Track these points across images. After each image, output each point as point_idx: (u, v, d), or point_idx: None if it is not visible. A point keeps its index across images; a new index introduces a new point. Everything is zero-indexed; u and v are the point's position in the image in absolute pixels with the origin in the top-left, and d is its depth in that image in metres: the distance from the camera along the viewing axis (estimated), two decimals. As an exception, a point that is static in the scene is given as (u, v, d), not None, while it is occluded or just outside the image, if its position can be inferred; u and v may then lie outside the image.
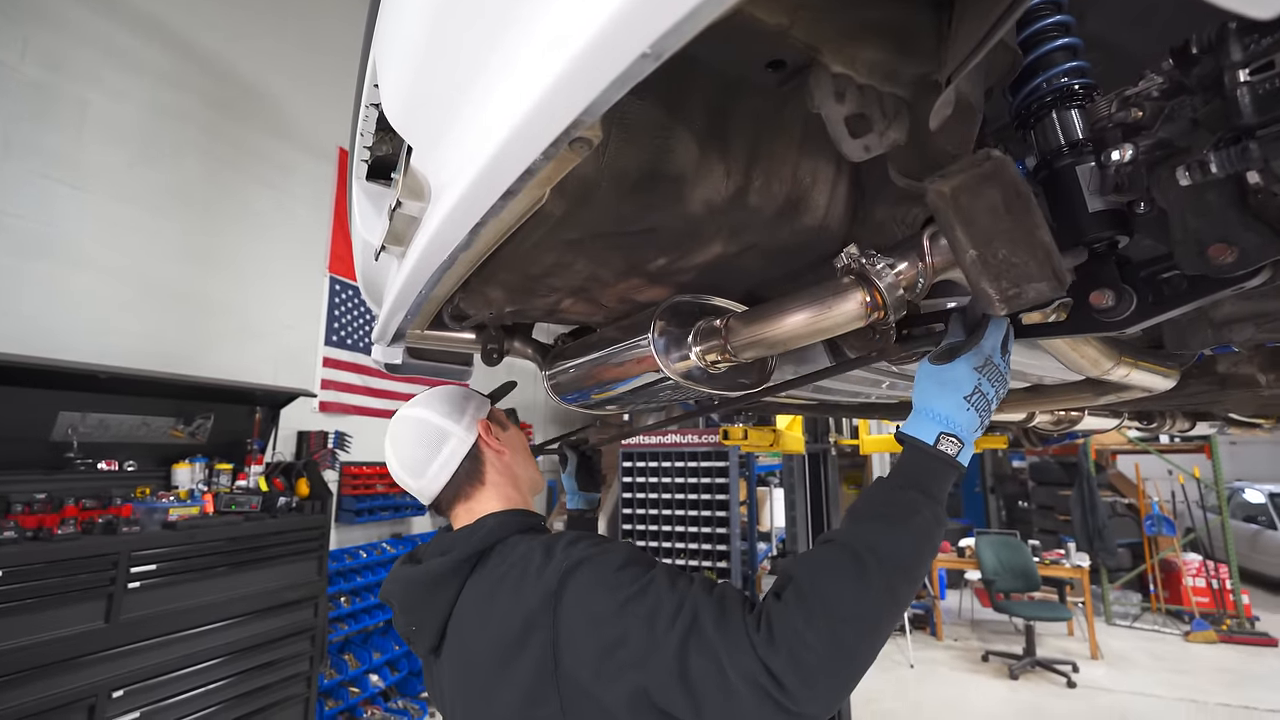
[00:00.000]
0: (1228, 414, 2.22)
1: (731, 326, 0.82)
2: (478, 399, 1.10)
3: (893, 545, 0.66)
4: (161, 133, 3.38)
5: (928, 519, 0.68)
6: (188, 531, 2.63)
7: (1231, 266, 0.53)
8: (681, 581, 0.74)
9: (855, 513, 0.71)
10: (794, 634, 0.62)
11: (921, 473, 0.70)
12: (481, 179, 0.52)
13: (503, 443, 1.06)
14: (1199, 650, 5.84)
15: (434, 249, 0.68)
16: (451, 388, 1.10)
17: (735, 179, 0.71)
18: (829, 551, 0.67)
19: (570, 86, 0.38)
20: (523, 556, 0.83)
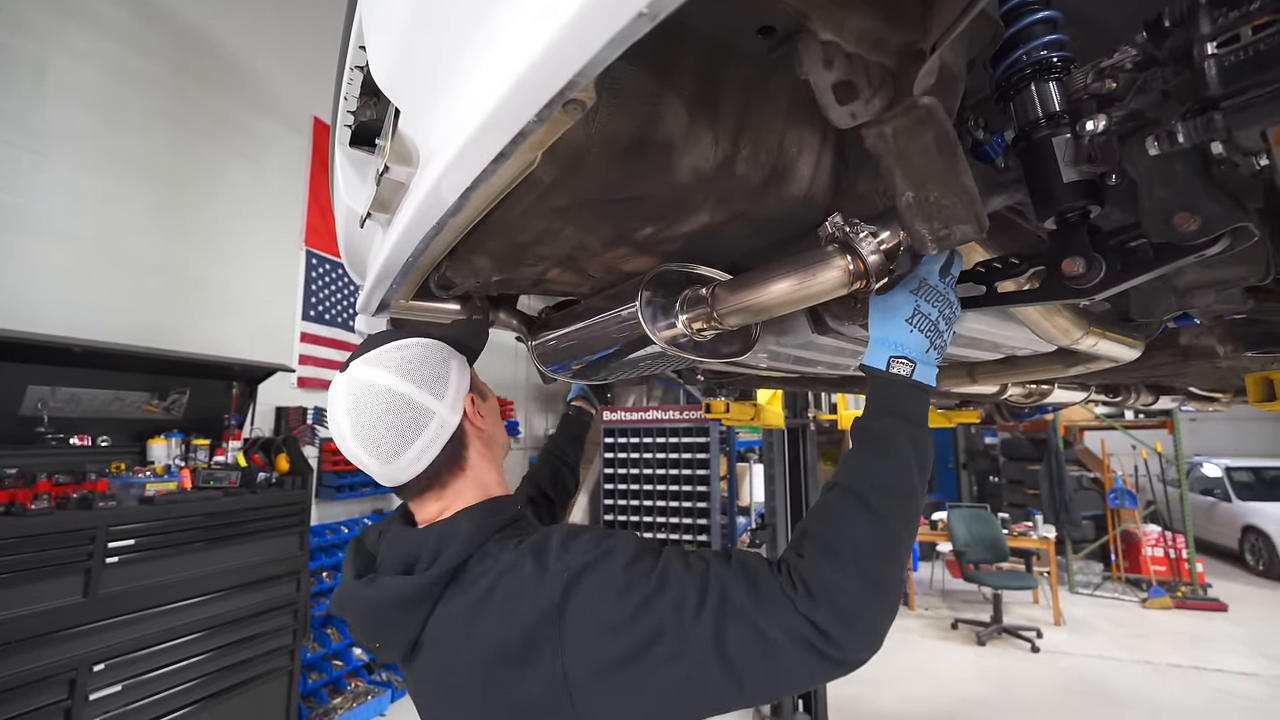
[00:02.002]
0: (1188, 388, 2.31)
1: (717, 294, 0.84)
2: (458, 361, 0.93)
3: (886, 474, 0.69)
4: (129, 99, 3.25)
5: (906, 438, 0.71)
6: (166, 507, 2.60)
7: (1194, 234, 0.56)
8: (695, 561, 0.70)
9: (845, 456, 0.75)
10: (829, 582, 0.63)
11: (886, 399, 0.74)
12: (475, 140, 0.52)
13: (484, 416, 0.92)
14: (1155, 616, 6.14)
15: (423, 214, 0.67)
16: (429, 344, 0.90)
17: (723, 147, 0.72)
18: (833, 498, 0.70)
19: (567, 43, 0.39)
20: (510, 566, 0.73)
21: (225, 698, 2.78)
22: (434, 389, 0.86)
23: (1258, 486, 8.16)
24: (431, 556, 0.77)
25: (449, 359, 0.92)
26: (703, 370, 2.03)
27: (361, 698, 3.75)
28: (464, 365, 0.95)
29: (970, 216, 0.58)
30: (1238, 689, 4.45)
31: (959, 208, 0.59)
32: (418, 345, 0.90)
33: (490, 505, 0.85)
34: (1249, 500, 7.95)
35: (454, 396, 0.88)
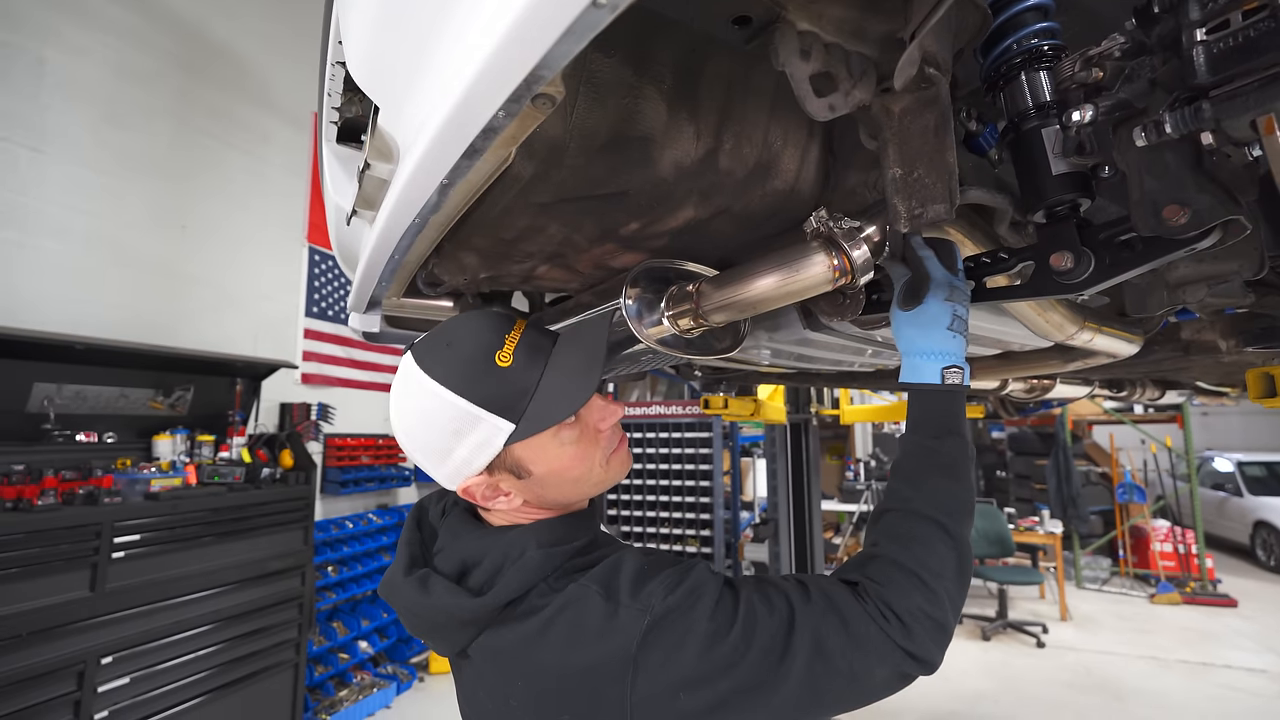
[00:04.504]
0: (1195, 382, 2.27)
1: (702, 291, 0.83)
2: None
3: (958, 498, 0.71)
4: (130, 96, 3.26)
5: (968, 457, 0.74)
6: (171, 502, 2.63)
7: (1184, 228, 0.54)
8: (776, 599, 0.66)
9: (910, 474, 0.73)
10: (919, 610, 0.65)
11: (945, 414, 0.74)
12: (442, 136, 0.51)
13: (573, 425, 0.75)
14: (1163, 611, 6.09)
15: (401, 210, 0.67)
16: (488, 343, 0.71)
17: (705, 141, 0.71)
18: (912, 525, 0.70)
19: (522, 36, 0.38)
20: (574, 600, 0.65)
21: (232, 690, 2.81)
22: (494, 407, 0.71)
23: (1270, 481, 8.07)
24: (489, 573, 0.69)
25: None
26: (699, 366, 2.02)
27: (367, 690, 3.78)
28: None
29: (944, 195, 0.57)
30: (1246, 685, 4.41)
31: (938, 186, 0.58)
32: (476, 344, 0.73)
33: (563, 527, 0.74)
34: (1261, 495, 7.87)
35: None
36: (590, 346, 0.74)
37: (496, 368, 0.69)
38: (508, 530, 0.74)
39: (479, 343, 0.70)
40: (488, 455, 0.70)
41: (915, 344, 0.74)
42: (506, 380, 0.69)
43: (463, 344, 0.71)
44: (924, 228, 0.61)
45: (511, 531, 0.73)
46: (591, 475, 0.77)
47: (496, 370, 0.69)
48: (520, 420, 0.69)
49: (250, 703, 2.89)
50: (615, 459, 0.80)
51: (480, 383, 0.68)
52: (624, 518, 5.25)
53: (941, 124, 0.58)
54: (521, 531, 0.73)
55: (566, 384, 0.70)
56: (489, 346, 0.70)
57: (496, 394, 0.68)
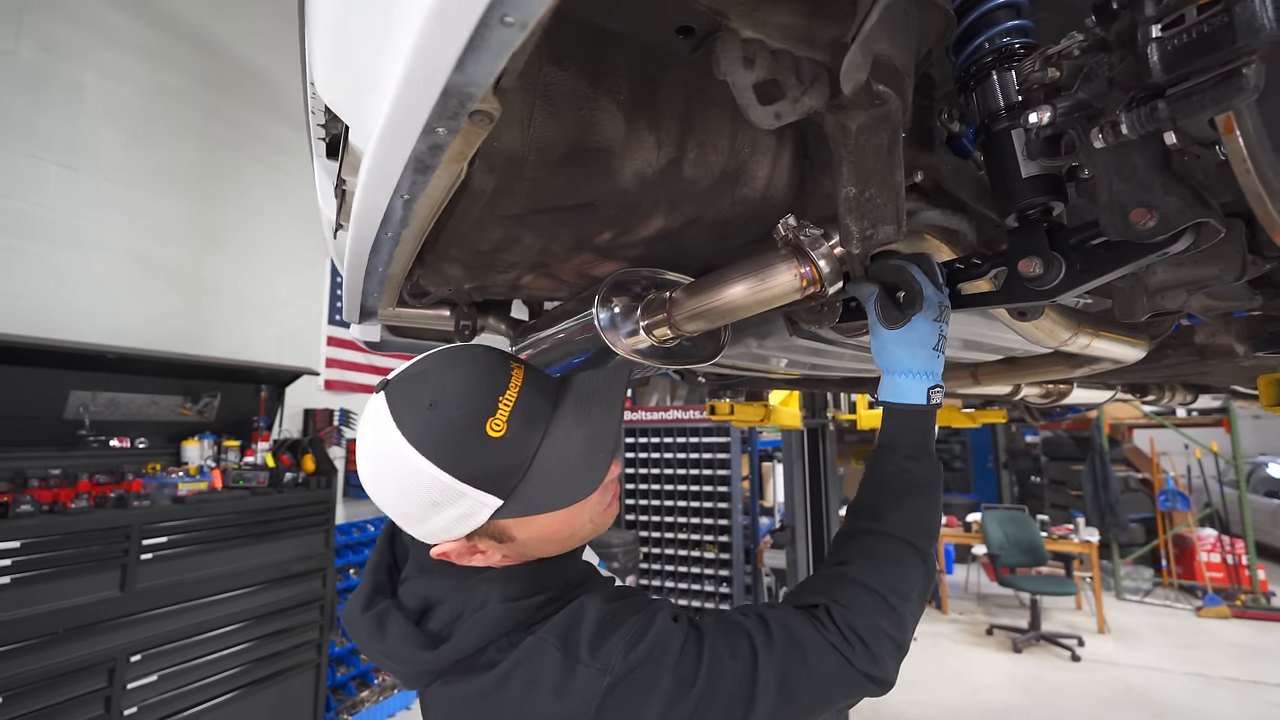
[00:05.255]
0: (1229, 385, 2.17)
1: (675, 299, 0.82)
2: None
3: (930, 520, 0.72)
4: (158, 113, 3.40)
5: (940, 476, 0.74)
6: (197, 506, 2.72)
7: (1152, 231, 0.52)
8: (738, 640, 0.64)
9: (885, 493, 0.73)
10: (884, 636, 0.65)
11: (922, 434, 0.73)
12: (380, 151, 0.52)
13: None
14: (1210, 625, 5.81)
15: (362, 223, 0.68)
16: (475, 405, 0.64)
17: (667, 150, 0.70)
18: (886, 547, 0.70)
19: (427, 56, 0.38)
20: (531, 655, 0.62)
21: (255, 689, 2.89)
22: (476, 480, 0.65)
23: (1329, 488, 7.64)
24: (448, 620, 0.67)
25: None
26: (703, 373, 2.00)
27: (388, 691, 3.85)
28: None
29: (892, 216, 0.56)
30: (1300, 705, 4.17)
31: (888, 207, 0.57)
32: (464, 409, 0.64)
33: (534, 577, 0.70)
34: (1318, 503, 7.45)
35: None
36: (601, 419, 0.66)
37: (487, 439, 0.61)
38: (475, 574, 0.70)
39: (468, 408, 0.62)
40: (468, 527, 0.64)
41: (900, 363, 0.72)
42: (498, 454, 0.62)
43: (449, 407, 0.62)
44: (874, 249, 0.60)
45: (477, 576, 0.70)
46: (578, 535, 0.73)
47: (487, 442, 0.61)
48: (510, 498, 0.63)
49: (273, 702, 2.97)
50: (603, 516, 0.76)
51: (467, 456, 0.61)
52: (642, 523, 5.24)
53: (892, 141, 0.57)
54: (488, 579, 0.69)
55: (569, 465, 0.64)
56: (480, 413, 0.62)
57: (485, 470, 0.61)
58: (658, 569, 5.11)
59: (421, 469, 0.61)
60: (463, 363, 0.68)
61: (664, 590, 5.05)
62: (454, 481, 0.61)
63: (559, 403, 0.68)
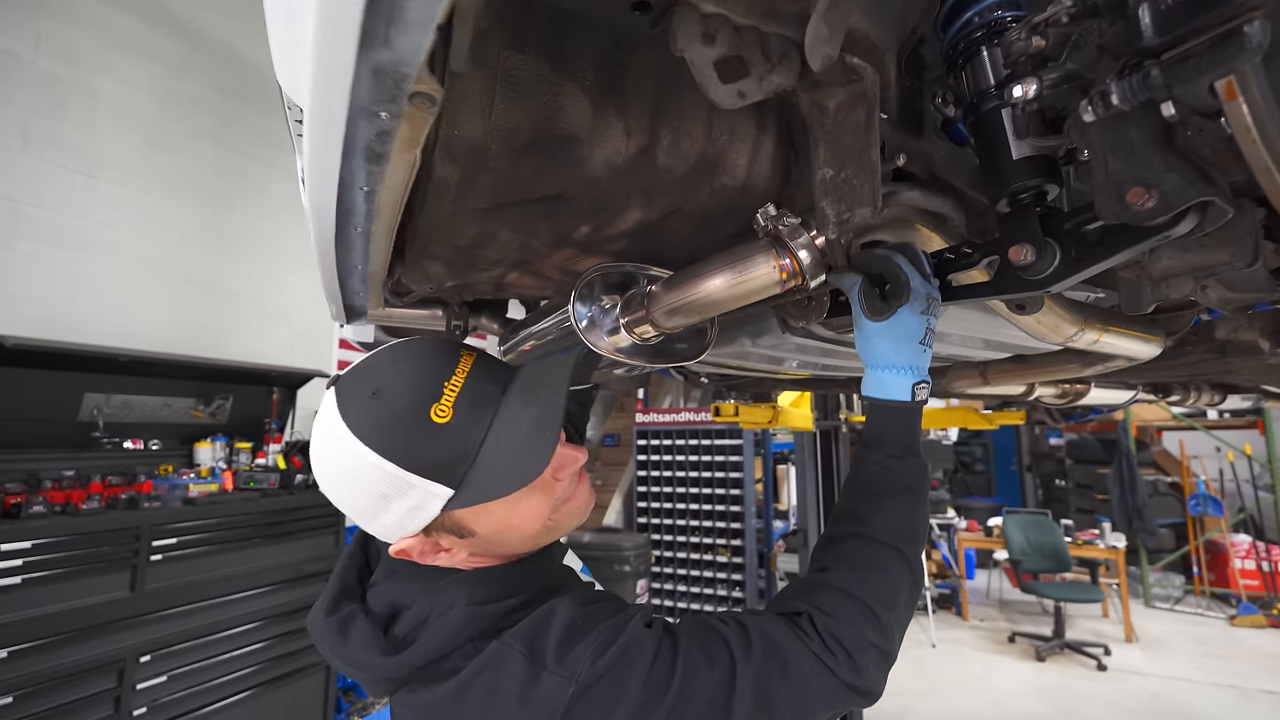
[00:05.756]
0: (1260, 385, 2.07)
1: (653, 295, 0.79)
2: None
3: (916, 523, 0.68)
4: (173, 119, 3.46)
5: (927, 478, 0.70)
6: (207, 507, 2.74)
7: (1151, 212, 0.47)
8: (716, 648, 0.61)
9: (869, 495, 0.69)
10: (869, 646, 0.62)
11: (908, 433, 0.70)
12: (315, 138, 0.50)
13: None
14: (1245, 635, 5.59)
15: (316, 216, 0.66)
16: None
17: (638, 137, 0.67)
18: (870, 552, 0.67)
19: (332, 27, 0.36)
20: (495, 660, 0.60)
21: (266, 690, 2.90)
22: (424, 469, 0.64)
23: (1371, 493, 7.30)
24: (414, 624, 0.64)
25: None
26: (706, 373, 1.97)
27: (398, 693, 3.85)
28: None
29: (869, 197, 0.53)
30: (1341, 720, 3.98)
31: (864, 188, 0.53)
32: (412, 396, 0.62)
33: (505, 580, 0.67)
34: (1360, 508, 7.12)
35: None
36: (547, 400, 0.63)
37: (432, 425, 0.60)
38: (443, 576, 0.68)
39: (412, 395, 0.61)
40: (422, 520, 0.63)
41: (885, 357, 0.68)
42: (444, 440, 0.60)
43: (392, 395, 0.61)
44: (852, 232, 0.56)
45: (446, 579, 0.67)
46: (546, 528, 0.70)
47: (432, 429, 0.60)
48: (460, 487, 0.61)
49: (283, 703, 2.98)
50: (569, 507, 0.73)
51: (411, 445, 0.59)
52: (655, 526, 5.20)
53: (868, 119, 0.53)
54: (455, 582, 0.66)
55: (517, 449, 0.61)
56: (423, 399, 0.61)
57: (431, 458, 0.59)
58: (670, 572, 5.07)
59: (367, 461, 0.59)
60: (408, 352, 0.67)
61: (676, 594, 5.00)
62: (400, 472, 0.59)
63: (508, 387, 0.66)
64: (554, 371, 0.67)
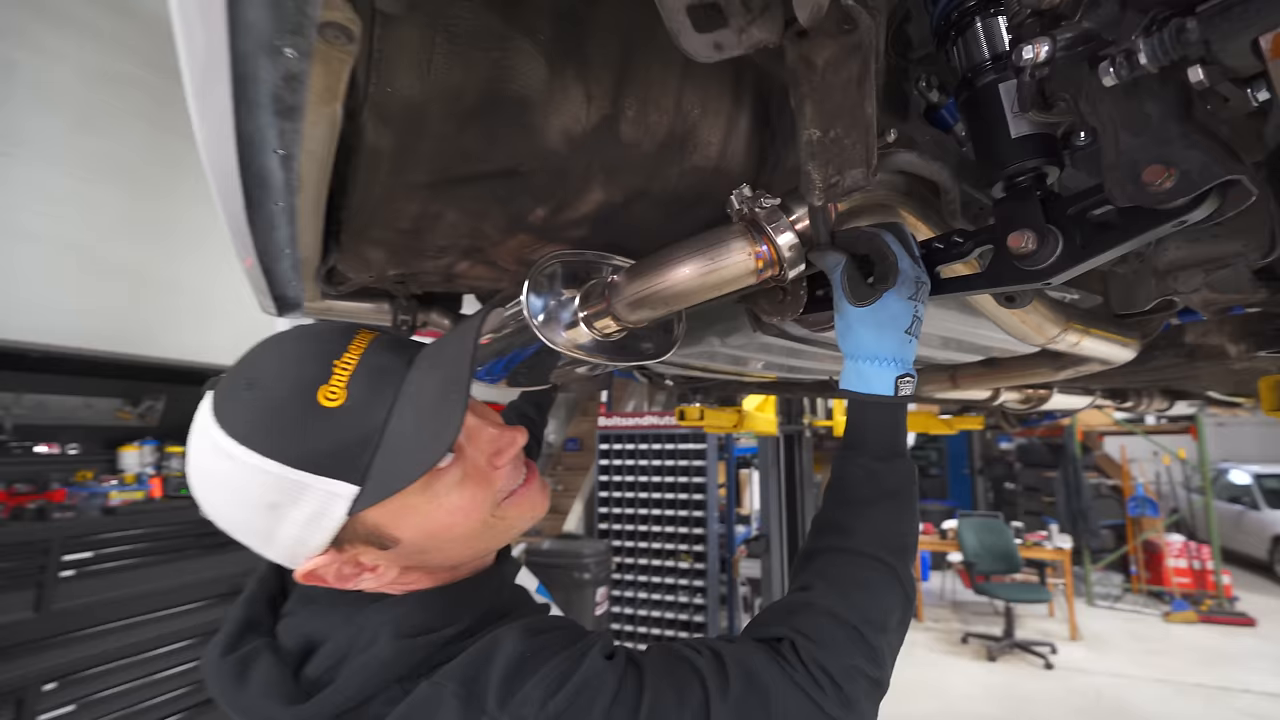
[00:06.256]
0: (1206, 392, 2.13)
1: (616, 284, 0.71)
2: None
3: (905, 532, 0.62)
4: (103, 99, 3.20)
5: (914, 481, 0.64)
6: (130, 517, 2.53)
7: (1170, 193, 0.42)
8: (686, 681, 0.54)
9: (852, 502, 0.63)
10: (859, 675, 0.55)
11: (892, 431, 0.63)
12: (194, 81, 0.41)
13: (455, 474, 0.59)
14: (1178, 630, 5.86)
15: (220, 184, 0.56)
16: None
17: (600, 105, 0.60)
18: (855, 568, 0.60)
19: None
20: (421, 706, 0.51)
21: (196, 715, 2.69)
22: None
23: (1289, 494, 7.80)
24: (330, 662, 0.54)
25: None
26: (671, 375, 1.90)
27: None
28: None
29: (862, 157, 0.47)
30: (1266, 711, 4.19)
31: (856, 147, 0.47)
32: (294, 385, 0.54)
33: (441, 605, 0.58)
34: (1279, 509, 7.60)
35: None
36: (453, 359, 0.54)
37: (321, 411, 0.51)
38: (369, 602, 0.58)
39: (293, 378, 0.52)
40: (327, 530, 0.52)
41: (866, 347, 0.62)
42: (337, 427, 0.51)
43: (269, 382, 0.52)
44: (841, 197, 0.50)
45: (373, 606, 0.57)
46: (486, 529, 0.61)
47: (321, 414, 0.51)
48: (366, 480, 0.51)
49: (215, 727, 2.77)
50: (514, 504, 0.63)
51: (297, 436, 0.50)
52: (615, 532, 5.11)
53: (863, 73, 0.47)
54: (382, 609, 0.57)
55: (422, 423, 0.52)
56: (308, 382, 0.52)
57: (323, 449, 0.50)
58: (630, 579, 4.98)
59: (247, 464, 0.50)
60: (291, 335, 0.58)
61: (636, 601, 4.92)
62: (287, 471, 0.50)
63: (414, 360, 0.57)
64: (461, 330, 0.58)
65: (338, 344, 0.55)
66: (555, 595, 0.82)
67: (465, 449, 0.59)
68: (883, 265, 0.59)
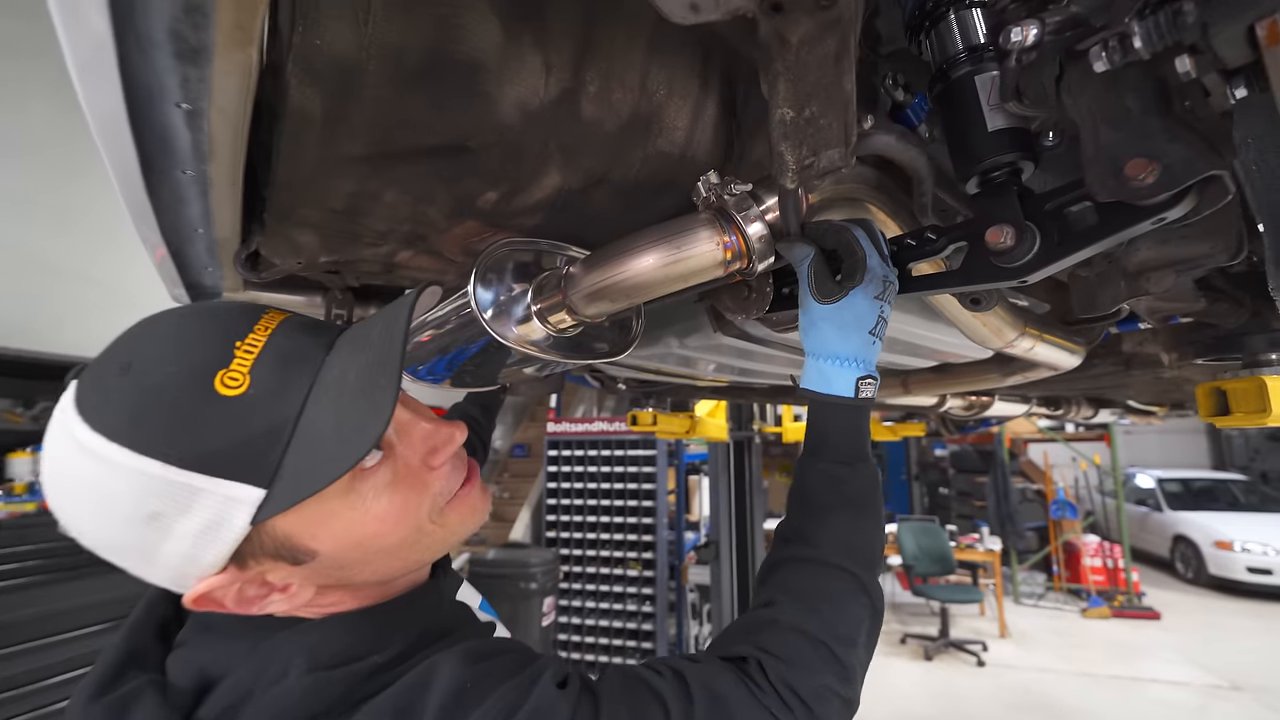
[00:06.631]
0: (1126, 401, 2.26)
1: (572, 275, 0.66)
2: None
3: (870, 540, 0.59)
4: (-2, 68, 2.90)
5: (878, 487, 0.61)
6: (19, 531, 2.27)
7: (1152, 187, 0.41)
8: (648, 707, 0.49)
9: (814, 510, 0.59)
10: (831, 695, 0.52)
11: (855, 434, 0.60)
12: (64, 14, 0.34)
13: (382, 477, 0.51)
14: (1094, 625, 6.25)
15: (101, 138, 0.48)
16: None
17: (559, 77, 0.55)
18: (819, 579, 0.56)
19: None
20: None
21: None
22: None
23: (1186, 497, 8.47)
24: (231, 701, 0.46)
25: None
26: (624, 378, 1.86)
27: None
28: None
29: (840, 137, 0.44)
30: (1172, 699, 4.51)
31: (833, 126, 0.45)
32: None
33: (365, 629, 0.51)
34: (1179, 510, 8.25)
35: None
36: (382, 340, 0.47)
37: (217, 399, 0.42)
38: (280, 628, 0.49)
39: (183, 360, 0.43)
40: (226, 543, 0.43)
41: (829, 345, 0.59)
42: (239, 418, 0.42)
43: (150, 365, 0.43)
44: (816, 180, 0.47)
45: (285, 633, 0.49)
46: (421, 538, 0.53)
47: (217, 403, 0.42)
48: (274, 481, 0.42)
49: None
50: (455, 509, 0.55)
51: (186, 429, 0.41)
52: (563, 540, 5.01)
53: (841, 48, 0.44)
54: (295, 636, 0.49)
55: (346, 410, 0.44)
56: (202, 365, 0.43)
57: (221, 445, 0.41)
58: (579, 588, 4.89)
59: (120, 465, 0.40)
60: (179, 313, 0.48)
61: (584, 610, 4.83)
62: (173, 472, 0.40)
63: (335, 343, 0.49)
64: (390, 309, 0.50)
65: (241, 323, 0.46)
66: (501, 607, 0.75)
67: (396, 446, 0.52)
68: (851, 261, 0.57)
